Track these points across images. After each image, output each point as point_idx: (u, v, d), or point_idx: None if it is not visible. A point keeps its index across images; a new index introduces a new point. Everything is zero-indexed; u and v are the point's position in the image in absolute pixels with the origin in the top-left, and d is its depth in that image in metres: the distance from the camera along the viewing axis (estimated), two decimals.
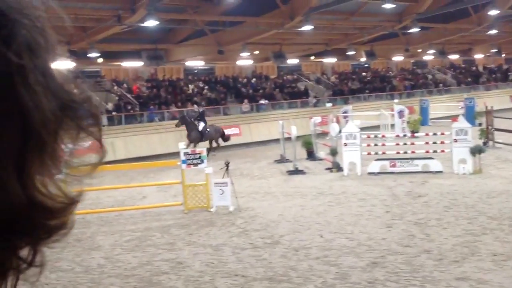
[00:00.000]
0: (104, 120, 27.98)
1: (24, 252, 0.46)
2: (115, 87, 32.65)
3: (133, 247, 10.76)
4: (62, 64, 0.48)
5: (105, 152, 0.54)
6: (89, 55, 28.39)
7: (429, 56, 49.17)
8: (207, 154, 20.63)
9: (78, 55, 28.59)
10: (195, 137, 23.85)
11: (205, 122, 24.82)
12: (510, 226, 10.65)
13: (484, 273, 8.19)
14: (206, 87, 35.06)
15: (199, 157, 14.08)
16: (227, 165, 13.97)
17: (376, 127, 29.63)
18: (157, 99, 31.81)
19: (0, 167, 0.42)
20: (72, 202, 0.49)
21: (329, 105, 35.03)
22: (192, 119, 24.51)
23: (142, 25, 24.89)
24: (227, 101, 34.07)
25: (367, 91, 40.39)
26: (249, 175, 19.36)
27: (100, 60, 32.28)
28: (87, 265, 9.67)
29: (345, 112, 31.49)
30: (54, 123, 0.46)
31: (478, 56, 53.99)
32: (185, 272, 9.01)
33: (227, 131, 29.92)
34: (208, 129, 24.70)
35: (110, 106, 29.38)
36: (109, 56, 32.60)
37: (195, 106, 28.12)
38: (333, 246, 10.07)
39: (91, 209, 14.42)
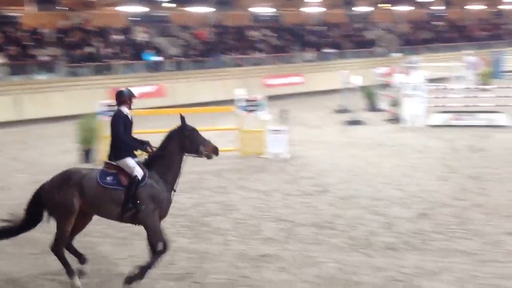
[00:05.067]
0: (168, 65, 28.53)
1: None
2: (182, 33, 32.98)
3: (188, 189, 11.10)
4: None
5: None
6: None
7: (508, 6, 46.20)
8: None
9: None
10: None
11: None
12: None
13: None
14: (272, 34, 34.76)
15: (257, 104, 14.17)
16: (284, 113, 14.00)
17: (447, 79, 28.57)
18: (223, 45, 31.93)
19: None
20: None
21: (396, 55, 33.92)
22: None
23: None
24: (291, 48, 33.66)
25: (440, 42, 38.74)
26: (307, 124, 19.32)
27: (169, 5, 32.57)
28: None
29: (412, 63, 30.40)
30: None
31: None
32: (233, 215, 9.28)
33: (290, 80, 29.80)
34: None
35: (175, 51, 29.82)
36: (178, 1, 32.81)
37: None
38: (383, 197, 10.03)
39: None
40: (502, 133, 15.49)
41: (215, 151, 6.66)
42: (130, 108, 6.77)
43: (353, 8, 38.79)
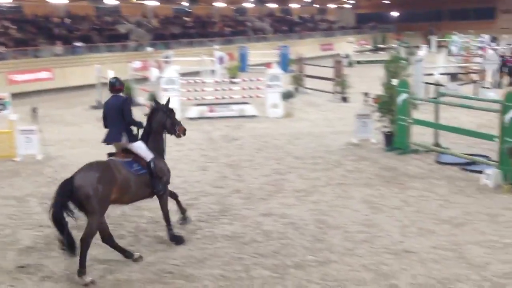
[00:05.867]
0: None
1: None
2: None
3: None
4: None
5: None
6: None
7: (249, 4, 50.31)
8: None
9: None
10: None
11: None
12: (312, 164, 11.55)
13: (287, 208, 8.82)
14: (13, 26, 31.90)
15: (2, 103, 12.90)
16: (34, 111, 13.00)
17: (198, 73, 29.79)
18: None
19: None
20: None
21: (150, 49, 34.20)
22: None
23: None
24: (37, 42, 31.41)
25: (188, 37, 40.22)
26: (62, 122, 18.34)
27: None
28: None
29: (166, 57, 31.06)
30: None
31: (294, 5, 56.70)
32: None
33: (38, 75, 27.85)
34: None
35: None
36: None
37: None
38: None
39: None
40: (252, 123, 16.77)
41: (184, 131, 7.90)
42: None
43: (100, 1, 37.86)
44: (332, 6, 62.90)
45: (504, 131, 9.56)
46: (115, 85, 7.54)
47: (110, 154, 7.30)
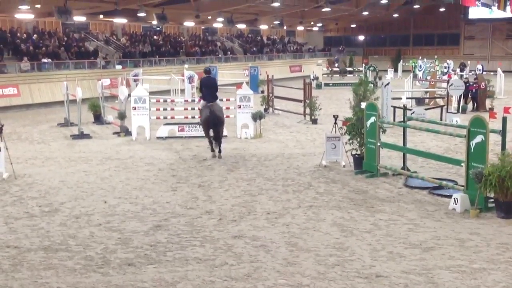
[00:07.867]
0: None
1: None
2: None
3: None
4: None
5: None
6: None
7: (218, 24, 50.55)
8: None
9: None
10: None
11: None
12: (283, 186, 11.58)
13: (258, 230, 8.79)
14: None
15: None
16: (0, 128, 12.71)
17: (167, 92, 29.70)
18: None
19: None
20: None
21: (118, 67, 34.00)
22: None
23: None
24: (3, 57, 30.84)
25: (158, 55, 40.09)
26: (28, 140, 17.97)
27: None
28: None
29: (135, 75, 30.94)
30: None
31: (263, 26, 57.23)
32: None
33: (3, 91, 27.34)
34: None
35: None
36: None
37: None
38: (117, 212, 9.89)
39: None
40: (222, 143, 16.59)
41: None
42: None
43: (68, 18, 37.48)
44: (300, 28, 63.73)
45: (470, 156, 9.79)
46: (207, 71, 14.54)
47: (211, 101, 13.76)
